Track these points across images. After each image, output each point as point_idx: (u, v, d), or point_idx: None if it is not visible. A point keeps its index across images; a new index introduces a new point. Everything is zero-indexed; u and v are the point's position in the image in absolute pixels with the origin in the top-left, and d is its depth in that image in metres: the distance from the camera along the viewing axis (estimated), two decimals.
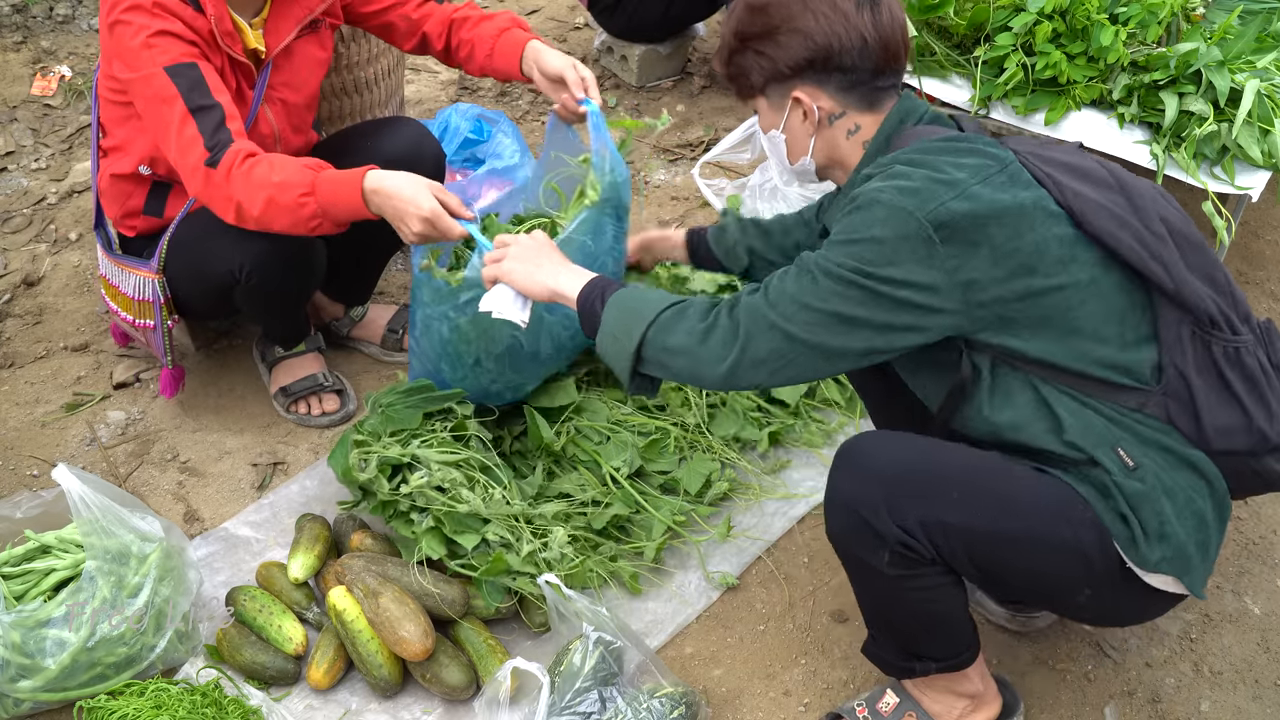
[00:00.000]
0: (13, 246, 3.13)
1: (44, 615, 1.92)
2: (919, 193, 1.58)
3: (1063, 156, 1.69)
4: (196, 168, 2.09)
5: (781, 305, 1.64)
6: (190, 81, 2.10)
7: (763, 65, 1.77)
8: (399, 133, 2.55)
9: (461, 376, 2.29)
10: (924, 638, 1.84)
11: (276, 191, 2.05)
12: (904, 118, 1.77)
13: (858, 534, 1.71)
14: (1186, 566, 1.66)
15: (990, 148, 1.66)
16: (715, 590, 2.27)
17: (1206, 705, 2.09)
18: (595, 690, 1.94)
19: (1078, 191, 1.62)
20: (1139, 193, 1.67)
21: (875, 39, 1.71)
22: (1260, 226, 3.40)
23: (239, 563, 2.30)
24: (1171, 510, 1.63)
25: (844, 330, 1.62)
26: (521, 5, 4.43)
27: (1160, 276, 1.62)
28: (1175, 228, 1.66)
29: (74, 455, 2.53)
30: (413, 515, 2.17)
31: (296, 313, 2.59)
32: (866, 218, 1.61)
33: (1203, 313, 1.63)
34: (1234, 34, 2.88)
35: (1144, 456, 1.64)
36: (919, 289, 1.58)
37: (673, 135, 3.71)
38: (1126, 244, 1.61)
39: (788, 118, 1.80)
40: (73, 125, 3.61)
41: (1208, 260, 1.68)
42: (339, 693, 2.08)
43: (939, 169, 1.61)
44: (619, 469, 2.34)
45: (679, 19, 3.83)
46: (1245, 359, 1.65)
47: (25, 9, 4.03)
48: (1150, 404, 1.65)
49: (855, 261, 1.59)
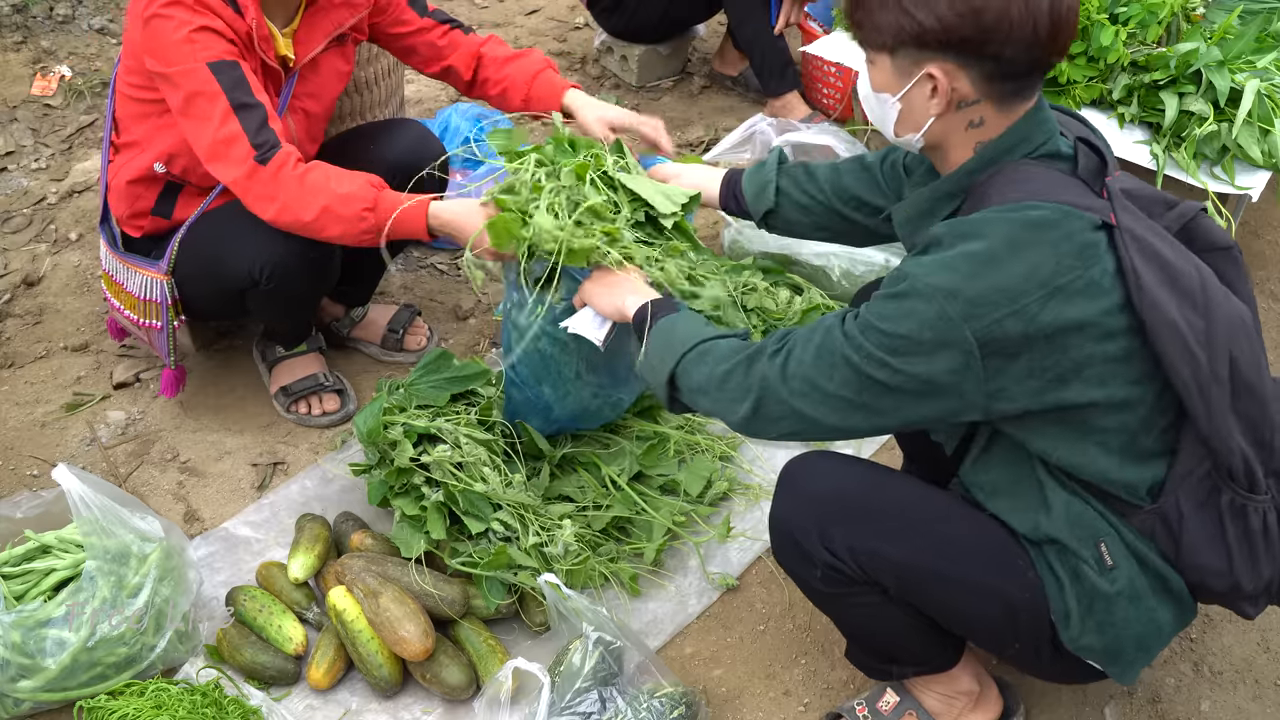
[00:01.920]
0: (13, 246, 3.13)
1: (44, 615, 1.92)
2: (973, 302, 1.43)
3: (1163, 248, 1.51)
4: (242, 161, 2.10)
5: (795, 383, 1.57)
6: (233, 79, 2.11)
7: (904, 25, 1.51)
8: (402, 135, 2.57)
9: (564, 394, 2.26)
10: (892, 644, 1.84)
11: (338, 203, 2.11)
12: (1020, 143, 1.58)
13: (790, 552, 1.77)
14: (1115, 659, 1.66)
15: (1083, 230, 1.47)
16: (715, 590, 2.27)
17: (1206, 705, 2.09)
18: (595, 690, 1.94)
19: (1157, 303, 1.47)
20: (1220, 320, 1.51)
21: (1047, 30, 1.49)
22: (1260, 226, 3.40)
23: (239, 563, 2.30)
24: (1126, 614, 1.62)
25: (853, 412, 1.55)
26: (522, 5, 4.43)
27: (1199, 416, 1.52)
28: (1240, 370, 1.53)
29: (74, 455, 2.53)
30: (425, 489, 2.18)
31: (307, 315, 2.59)
32: (909, 311, 1.47)
33: (1224, 463, 1.54)
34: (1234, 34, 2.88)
35: (1124, 559, 1.61)
36: (941, 386, 1.49)
37: (673, 135, 3.71)
38: (1181, 376, 1.49)
39: (911, 89, 1.57)
40: (73, 125, 3.61)
41: (1263, 413, 1.56)
42: (339, 693, 2.08)
43: (1007, 264, 1.44)
44: (619, 474, 2.34)
45: (679, 19, 3.83)
46: (1250, 517, 1.57)
47: (25, 9, 4.03)
48: (1137, 518, 1.61)
49: (882, 353, 1.49)
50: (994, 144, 1.58)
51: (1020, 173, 1.56)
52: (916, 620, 1.76)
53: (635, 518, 2.31)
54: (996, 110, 1.57)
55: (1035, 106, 1.59)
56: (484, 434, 2.27)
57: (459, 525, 2.18)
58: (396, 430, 2.20)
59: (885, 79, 1.60)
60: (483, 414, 2.31)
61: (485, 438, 2.27)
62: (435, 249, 3.15)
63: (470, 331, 2.91)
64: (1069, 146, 1.61)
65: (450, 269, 3.12)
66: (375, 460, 2.27)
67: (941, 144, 1.63)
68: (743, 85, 3.93)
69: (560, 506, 2.26)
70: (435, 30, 2.52)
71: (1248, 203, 2.79)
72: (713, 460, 2.44)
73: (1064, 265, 1.45)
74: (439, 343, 2.86)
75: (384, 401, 2.25)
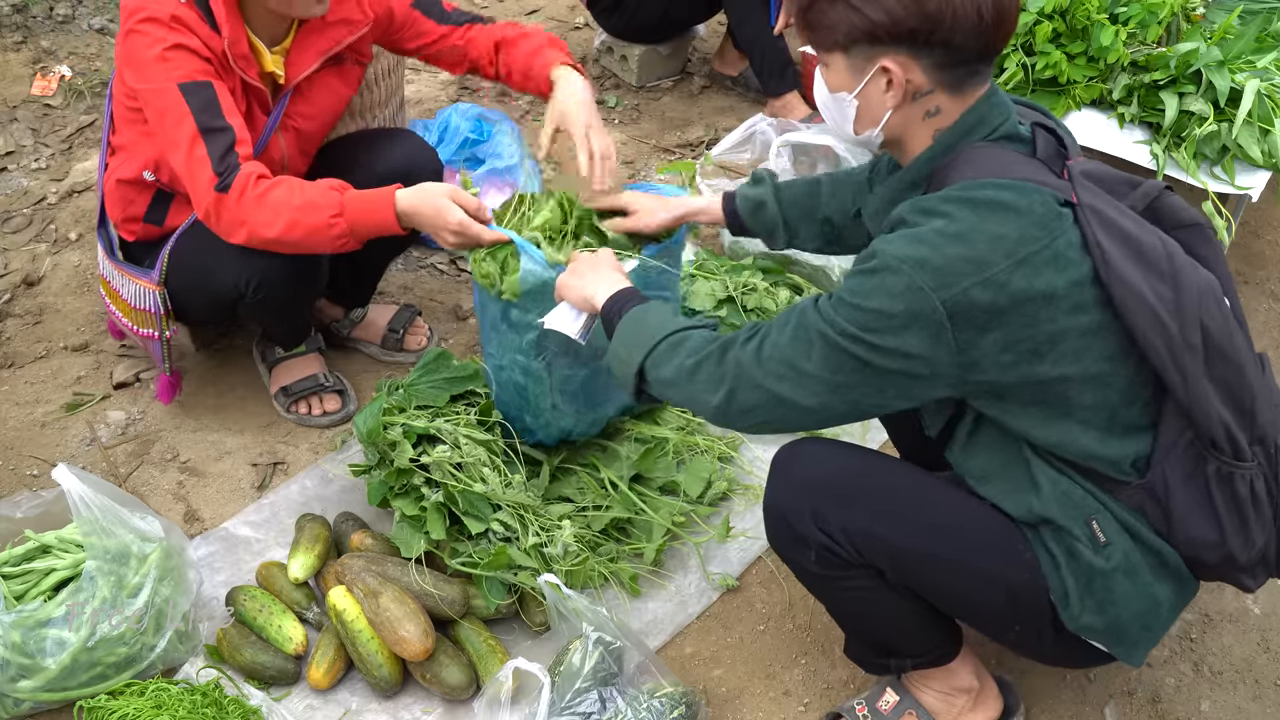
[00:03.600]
0: (13, 246, 3.13)
1: (44, 615, 1.92)
2: (941, 271, 1.46)
3: (1126, 223, 1.54)
4: (206, 191, 2.11)
5: (771, 364, 1.58)
6: (203, 101, 2.11)
7: (855, 22, 1.56)
8: (396, 146, 2.56)
9: (545, 424, 2.32)
10: (889, 633, 1.84)
11: (301, 214, 2.10)
12: (977, 125, 1.61)
13: (784, 536, 1.77)
14: (1119, 639, 1.66)
15: (1045, 203, 1.50)
16: (715, 590, 2.27)
17: (1206, 705, 2.09)
18: (595, 690, 1.94)
19: (1124, 276, 1.49)
20: (1188, 288, 1.53)
21: (992, 17, 1.53)
22: (1260, 226, 3.40)
23: (239, 563, 2.30)
24: (1125, 590, 1.62)
25: (830, 393, 1.56)
26: (521, 5, 4.43)
27: (1175, 386, 1.53)
28: (1213, 338, 1.54)
29: (74, 455, 2.53)
30: (425, 490, 2.18)
31: (299, 319, 2.59)
32: (880, 285, 1.49)
33: (1205, 432, 1.55)
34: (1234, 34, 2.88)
35: (1116, 535, 1.61)
36: (915, 360, 1.50)
37: (673, 135, 3.71)
38: (1154, 346, 1.51)
39: (866, 84, 1.61)
40: (73, 125, 3.61)
41: (1239, 378, 1.56)
42: (339, 693, 2.08)
43: (972, 236, 1.47)
44: (618, 478, 2.34)
45: (679, 19, 3.83)
46: (1237, 484, 1.57)
47: (25, 9, 4.03)
48: (1124, 493, 1.61)
49: (856, 329, 1.51)
50: (951, 130, 1.62)
51: (979, 154, 1.59)
52: (913, 605, 1.76)
53: (635, 518, 2.31)
54: (950, 97, 1.60)
55: (988, 91, 1.63)
56: (483, 434, 2.28)
57: (459, 525, 2.18)
58: (396, 431, 2.20)
59: (840, 78, 1.64)
60: (482, 414, 2.31)
61: (484, 438, 2.27)
62: (435, 249, 3.15)
63: (470, 331, 2.91)
64: (1027, 130, 1.64)
65: (450, 269, 3.12)
66: (375, 461, 2.27)
67: (901, 136, 1.66)
68: (743, 85, 3.93)
69: (560, 507, 2.27)
70: (455, 33, 2.50)
71: (1248, 203, 2.79)
72: (712, 461, 2.44)
73: (1028, 235, 1.48)
74: (439, 343, 2.86)
75: (384, 402, 2.25)
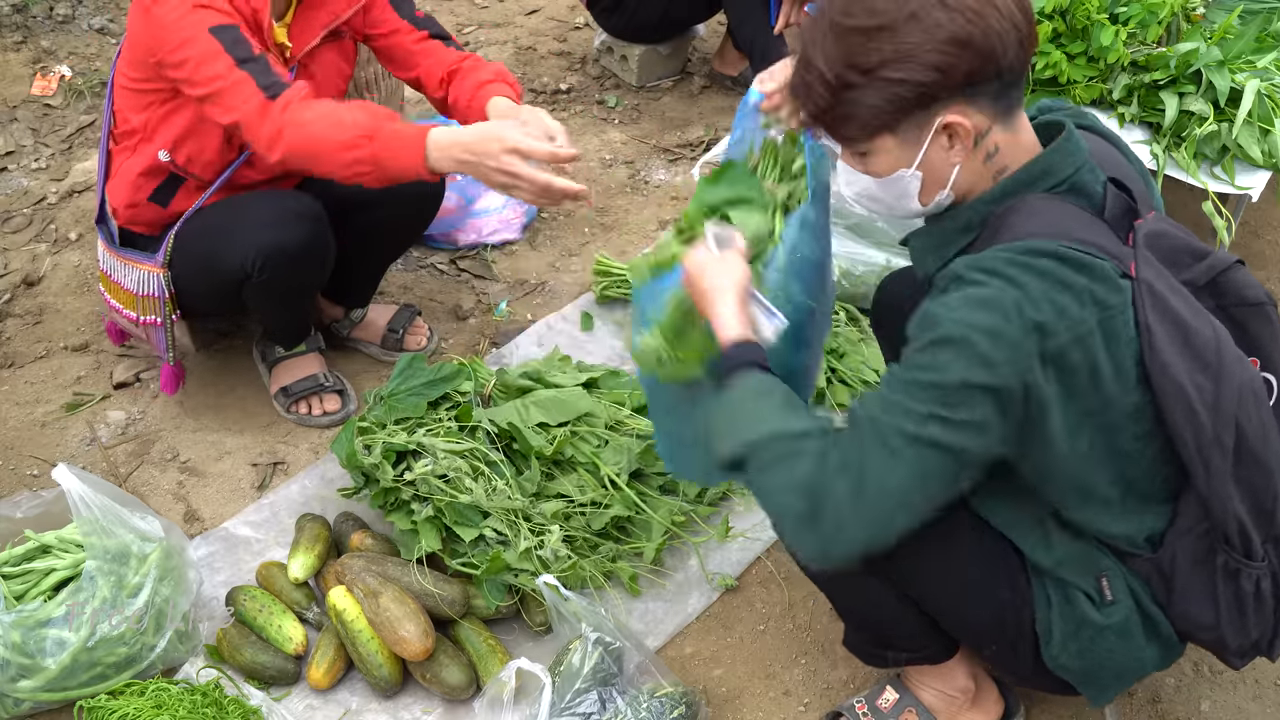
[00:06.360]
0: (13, 246, 3.13)
1: (44, 615, 1.92)
2: (1012, 341, 1.38)
3: (1180, 306, 1.47)
4: (252, 98, 2.08)
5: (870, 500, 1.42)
6: (233, 38, 2.12)
7: (899, 93, 1.41)
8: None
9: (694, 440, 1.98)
10: (885, 627, 1.83)
11: (330, 128, 2.03)
12: (1042, 176, 1.49)
13: None
14: (1091, 683, 1.66)
15: (1110, 276, 1.43)
16: (715, 590, 2.27)
17: (1206, 705, 2.09)
18: (595, 690, 1.94)
19: (1166, 364, 1.44)
20: (1230, 383, 1.47)
21: (1025, 28, 1.42)
22: (1260, 226, 3.40)
23: (239, 563, 2.30)
24: (1113, 648, 1.62)
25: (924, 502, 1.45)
26: (521, 5, 4.43)
27: (1198, 478, 1.50)
28: (1247, 439, 1.49)
29: (74, 455, 2.53)
30: (413, 505, 2.17)
31: (303, 307, 2.59)
32: (951, 358, 1.39)
33: (1220, 525, 1.53)
34: (1234, 34, 2.88)
35: (1123, 594, 1.61)
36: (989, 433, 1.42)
37: (673, 135, 3.71)
38: (1183, 437, 1.48)
39: (928, 150, 1.47)
40: (73, 125, 3.61)
41: (1266, 482, 1.52)
42: (339, 693, 2.08)
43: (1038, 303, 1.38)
44: (618, 472, 2.34)
45: (679, 19, 3.83)
46: (1243, 580, 1.56)
47: (25, 9, 4.03)
48: (1134, 563, 1.61)
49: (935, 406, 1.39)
50: (1014, 178, 1.51)
51: (1041, 205, 1.49)
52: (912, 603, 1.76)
53: (635, 517, 2.31)
54: (1004, 130, 1.50)
55: (1065, 136, 1.52)
56: (464, 441, 2.25)
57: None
58: (376, 452, 2.20)
59: (892, 159, 1.50)
60: (462, 417, 2.30)
61: (464, 447, 2.24)
62: (434, 249, 3.15)
63: (470, 331, 2.91)
64: (1100, 184, 1.53)
65: (450, 269, 3.12)
66: (361, 483, 2.26)
67: (969, 189, 1.55)
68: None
69: (553, 505, 2.24)
70: (411, 35, 2.46)
71: (1248, 203, 2.79)
72: None
73: (1087, 317, 1.42)
74: (439, 343, 2.86)
75: (355, 424, 2.25)
